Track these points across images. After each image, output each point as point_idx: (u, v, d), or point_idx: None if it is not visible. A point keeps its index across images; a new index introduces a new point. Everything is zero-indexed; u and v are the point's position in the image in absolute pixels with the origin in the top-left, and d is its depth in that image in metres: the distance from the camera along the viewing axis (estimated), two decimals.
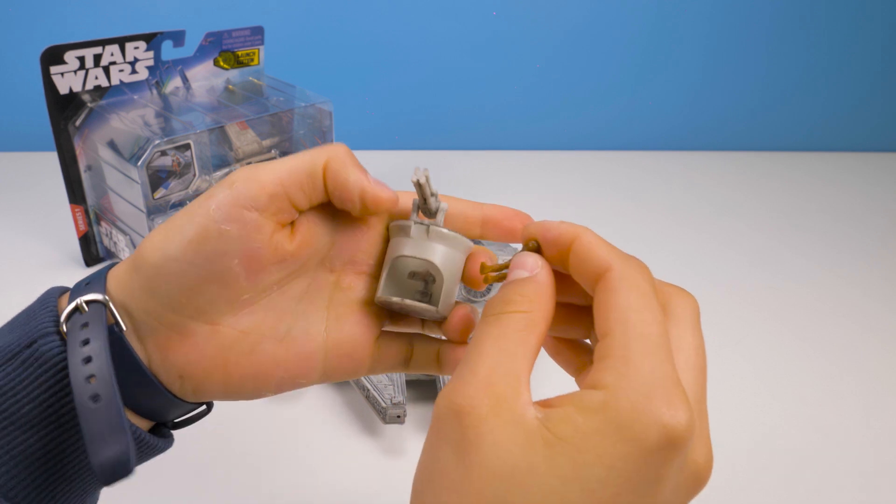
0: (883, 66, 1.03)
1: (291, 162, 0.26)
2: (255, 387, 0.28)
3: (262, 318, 0.27)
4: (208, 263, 0.25)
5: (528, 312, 0.23)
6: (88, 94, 0.63)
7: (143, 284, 0.26)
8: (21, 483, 0.25)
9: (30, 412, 0.25)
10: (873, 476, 0.50)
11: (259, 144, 0.69)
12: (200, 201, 0.26)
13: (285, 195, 0.26)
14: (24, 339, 0.25)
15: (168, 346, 0.26)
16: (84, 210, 0.67)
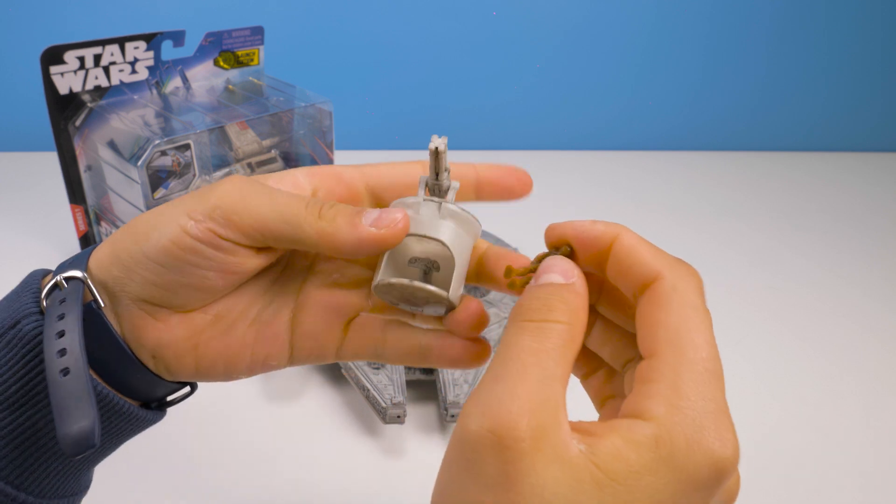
0: (883, 66, 1.03)
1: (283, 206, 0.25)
2: (226, 369, 0.28)
3: (234, 304, 0.27)
4: (183, 273, 0.25)
5: (570, 325, 0.21)
6: (88, 94, 0.63)
7: (121, 271, 0.26)
8: (13, 462, 0.26)
9: (16, 392, 0.25)
10: (873, 476, 0.50)
11: (259, 144, 0.69)
12: (180, 208, 0.25)
13: (267, 240, 0.25)
14: (8, 321, 0.26)
15: (141, 326, 0.26)
16: (84, 210, 0.67)
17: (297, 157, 0.75)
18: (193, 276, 0.25)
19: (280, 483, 0.46)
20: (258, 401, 0.53)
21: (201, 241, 0.24)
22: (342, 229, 0.24)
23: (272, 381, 0.55)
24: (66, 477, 0.28)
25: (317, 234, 0.24)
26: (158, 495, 0.45)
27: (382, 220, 0.24)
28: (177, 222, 0.25)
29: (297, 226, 0.24)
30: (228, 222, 0.24)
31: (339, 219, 0.24)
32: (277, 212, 0.24)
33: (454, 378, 0.50)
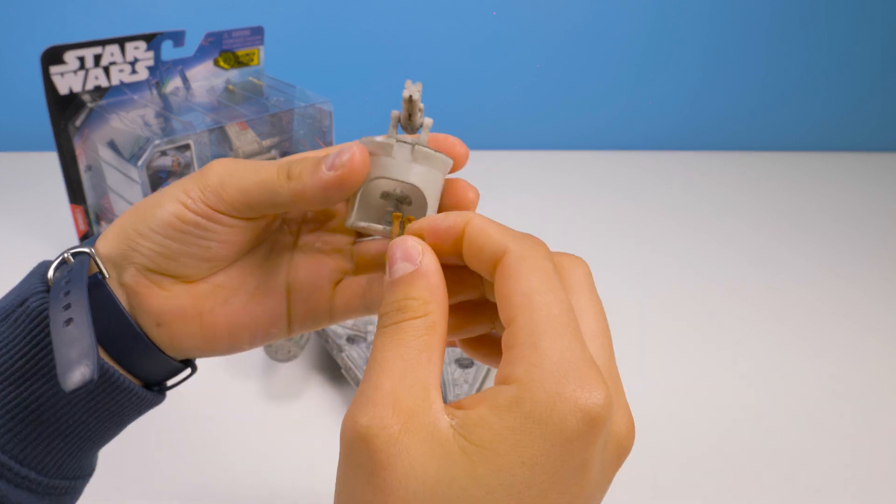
0: (883, 66, 1.03)
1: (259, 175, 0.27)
2: (231, 339, 0.29)
3: (234, 275, 0.29)
4: (187, 243, 0.27)
5: (424, 314, 0.22)
6: (88, 94, 0.63)
7: (126, 244, 0.28)
8: (17, 437, 0.26)
9: (22, 367, 0.26)
10: (873, 476, 0.50)
11: (259, 144, 0.69)
12: (177, 188, 0.27)
13: (253, 209, 0.27)
14: (16, 300, 0.27)
15: (146, 293, 0.28)
16: (84, 210, 0.67)
17: None
18: (196, 246, 0.27)
19: (280, 483, 0.46)
20: (258, 401, 0.53)
21: (199, 214, 0.27)
22: (308, 183, 0.26)
23: (272, 381, 0.55)
24: (70, 456, 0.28)
25: (289, 194, 0.26)
26: (158, 495, 0.45)
27: (336, 162, 0.26)
28: (177, 199, 0.27)
29: (273, 191, 0.26)
30: (219, 197, 0.27)
31: (303, 174, 0.26)
32: (256, 182, 0.27)
33: (454, 378, 0.50)
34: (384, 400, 0.20)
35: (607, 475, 0.21)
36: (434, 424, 0.20)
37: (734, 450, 0.51)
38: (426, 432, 0.19)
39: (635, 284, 0.71)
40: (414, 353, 0.21)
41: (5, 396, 0.26)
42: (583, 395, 0.19)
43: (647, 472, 0.49)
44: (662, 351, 0.61)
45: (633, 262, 0.75)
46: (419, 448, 0.19)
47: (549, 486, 0.19)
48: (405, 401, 0.20)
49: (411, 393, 0.20)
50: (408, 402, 0.20)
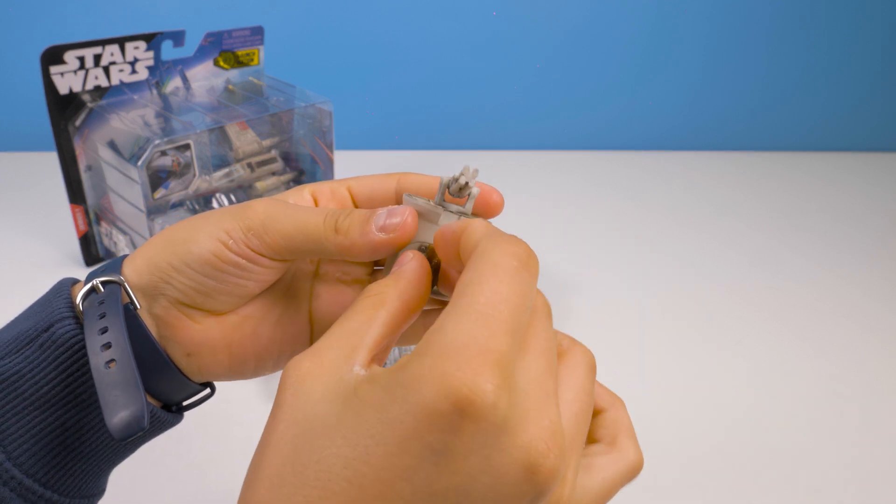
0: (883, 66, 1.03)
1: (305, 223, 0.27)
2: (256, 365, 0.30)
3: (260, 306, 0.30)
4: (223, 281, 0.28)
5: (377, 294, 0.24)
6: (88, 94, 0.63)
7: (159, 277, 0.28)
8: (41, 461, 0.27)
9: (47, 393, 0.26)
10: (873, 476, 0.50)
11: (259, 144, 0.69)
12: (216, 224, 0.27)
13: (295, 255, 0.28)
14: (40, 325, 0.27)
15: (178, 326, 0.28)
16: (84, 210, 0.67)
17: (297, 157, 0.75)
18: (232, 284, 0.28)
19: None
20: (258, 401, 0.53)
21: (240, 255, 0.27)
22: (356, 241, 0.26)
23: (272, 381, 0.55)
24: (88, 477, 0.29)
25: (336, 248, 0.27)
26: (157, 494, 0.45)
27: (389, 226, 0.26)
28: (216, 237, 0.27)
29: (319, 242, 0.27)
30: (262, 241, 0.27)
31: (352, 231, 0.26)
32: (301, 230, 0.27)
33: None
34: (312, 351, 0.22)
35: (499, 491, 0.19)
36: (342, 375, 0.21)
37: (734, 450, 0.51)
38: (331, 380, 0.21)
39: (635, 284, 0.71)
40: (354, 323, 0.23)
41: (30, 422, 0.26)
42: (458, 376, 0.18)
43: (647, 471, 0.49)
44: (662, 351, 0.61)
45: (633, 262, 0.75)
46: (318, 391, 0.21)
47: (397, 454, 0.18)
48: (327, 354, 0.22)
49: (336, 350, 0.22)
50: (329, 356, 0.22)
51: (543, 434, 0.19)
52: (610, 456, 0.25)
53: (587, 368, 0.24)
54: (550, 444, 0.19)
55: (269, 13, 0.91)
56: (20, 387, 0.26)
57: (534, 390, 0.20)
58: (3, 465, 0.26)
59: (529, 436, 0.19)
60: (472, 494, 0.18)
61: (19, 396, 0.26)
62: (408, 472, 0.18)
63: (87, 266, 0.69)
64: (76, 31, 0.88)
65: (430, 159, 0.98)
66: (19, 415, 0.26)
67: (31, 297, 0.29)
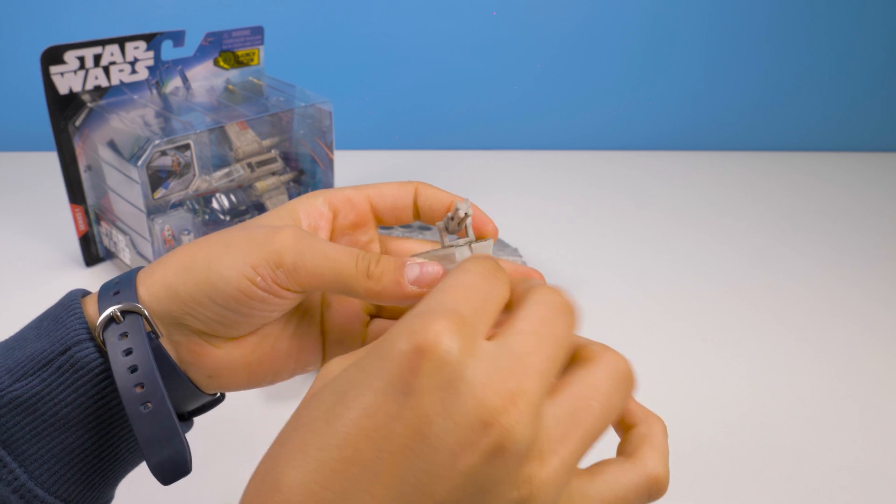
0: (883, 66, 1.03)
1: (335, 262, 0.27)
2: (273, 378, 0.31)
3: (277, 324, 0.31)
4: (247, 315, 0.28)
5: None
6: (88, 94, 0.63)
7: (180, 308, 0.28)
8: (61, 479, 0.27)
9: (67, 415, 0.27)
10: (873, 476, 0.50)
11: (259, 144, 0.69)
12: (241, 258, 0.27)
13: (320, 289, 0.28)
14: (56, 346, 0.27)
15: (199, 352, 0.29)
16: (84, 210, 0.67)
17: (297, 156, 0.75)
18: (256, 317, 0.28)
19: None
20: (258, 401, 0.53)
21: (267, 291, 0.27)
22: (388, 289, 0.27)
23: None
24: (107, 487, 0.30)
25: (366, 292, 0.27)
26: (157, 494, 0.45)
27: (424, 280, 0.27)
28: (243, 274, 0.27)
29: (349, 285, 0.27)
30: (291, 279, 0.27)
31: (384, 278, 0.27)
32: (332, 270, 0.27)
33: None
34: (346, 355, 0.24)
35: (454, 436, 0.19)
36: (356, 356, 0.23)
37: (734, 449, 0.51)
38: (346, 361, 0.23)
39: (635, 284, 0.71)
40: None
41: (50, 443, 0.27)
42: (419, 326, 0.20)
43: None
44: (662, 351, 0.61)
45: (633, 262, 0.75)
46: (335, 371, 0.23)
47: (365, 394, 0.20)
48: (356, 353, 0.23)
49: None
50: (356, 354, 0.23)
51: (503, 393, 0.19)
52: (623, 465, 0.23)
53: (614, 374, 0.23)
54: (509, 405, 0.19)
55: (269, 13, 0.91)
56: (39, 409, 0.26)
57: (507, 357, 0.20)
58: (26, 485, 0.26)
59: (488, 391, 0.19)
60: (430, 436, 0.19)
61: (39, 419, 0.26)
62: (371, 408, 0.20)
63: (87, 266, 0.69)
64: (76, 31, 0.88)
65: (430, 159, 0.99)
66: (39, 436, 0.26)
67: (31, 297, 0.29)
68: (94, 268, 0.69)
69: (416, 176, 0.93)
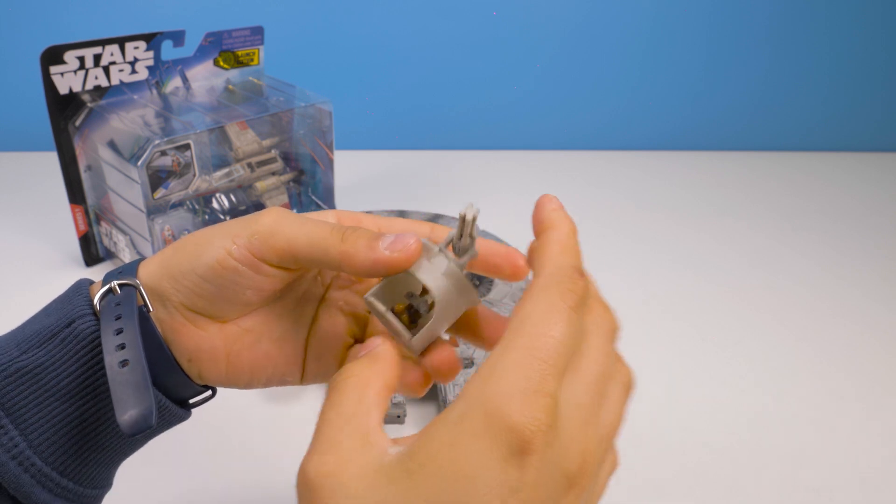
0: (883, 66, 1.03)
1: (312, 231, 0.27)
2: (250, 378, 0.31)
3: (263, 320, 0.31)
4: (224, 288, 0.28)
5: (359, 375, 0.25)
6: (88, 94, 0.63)
7: (169, 282, 0.29)
8: (59, 449, 0.28)
9: (68, 385, 0.28)
10: (873, 476, 0.50)
11: (259, 144, 0.69)
12: (226, 232, 0.28)
13: (298, 261, 0.28)
14: (62, 320, 0.28)
15: (182, 331, 0.29)
16: (84, 210, 0.67)
17: (297, 156, 0.75)
18: (232, 292, 0.29)
19: (280, 483, 0.46)
20: (258, 401, 0.53)
21: (241, 262, 0.28)
22: (361, 251, 0.27)
23: None
24: (104, 467, 0.30)
25: (339, 255, 0.27)
26: (157, 495, 0.45)
27: (396, 245, 0.27)
28: (222, 245, 0.28)
29: (324, 249, 0.27)
30: (264, 245, 0.28)
31: (359, 242, 0.27)
32: (307, 236, 0.27)
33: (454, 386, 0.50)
34: (324, 447, 0.22)
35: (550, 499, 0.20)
36: (372, 459, 0.21)
37: (733, 449, 0.51)
38: (363, 468, 0.21)
39: (635, 284, 0.71)
40: (349, 408, 0.23)
41: (51, 412, 0.27)
42: (520, 418, 0.20)
43: (646, 471, 0.49)
44: (662, 351, 0.61)
45: (633, 262, 0.75)
46: (356, 483, 0.21)
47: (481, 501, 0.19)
48: (344, 446, 0.22)
49: (350, 439, 0.22)
50: (347, 447, 0.22)
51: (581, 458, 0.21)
52: None
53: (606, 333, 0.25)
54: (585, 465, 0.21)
55: (269, 13, 0.91)
56: (42, 378, 0.27)
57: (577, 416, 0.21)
58: (24, 453, 0.27)
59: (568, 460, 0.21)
60: None
61: (41, 388, 0.27)
62: None
63: (87, 266, 0.69)
64: (76, 31, 0.88)
65: (430, 159, 0.99)
66: (41, 405, 0.27)
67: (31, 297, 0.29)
68: (94, 268, 0.69)
69: (416, 176, 0.93)
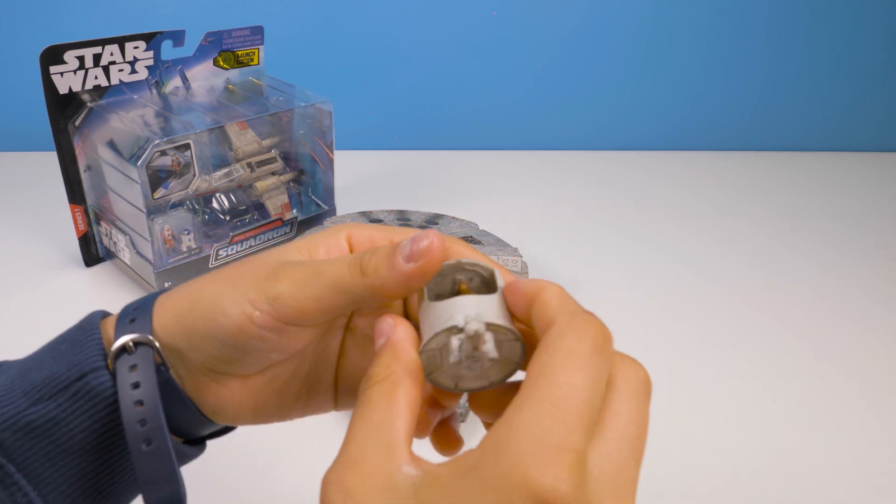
0: (883, 66, 1.03)
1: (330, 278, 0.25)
2: (280, 418, 0.30)
3: (287, 365, 0.29)
4: (247, 353, 0.27)
5: (386, 378, 0.23)
6: (88, 94, 0.63)
7: (187, 343, 0.27)
8: (75, 501, 0.27)
9: (82, 440, 0.27)
10: (873, 476, 0.50)
11: (259, 144, 0.69)
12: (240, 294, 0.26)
13: (328, 314, 0.26)
14: (73, 372, 0.27)
15: (203, 388, 0.28)
16: (84, 210, 0.67)
17: (297, 156, 0.75)
18: (257, 356, 0.27)
19: (280, 482, 0.46)
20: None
21: (266, 328, 0.26)
22: (386, 278, 0.25)
23: None
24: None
25: (367, 291, 0.25)
26: None
27: (416, 254, 0.25)
28: (241, 309, 0.26)
29: (348, 292, 0.25)
30: (289, 310, 0.26)
31: (380, 268, 0.25)
32: (329, 286, 0.25)
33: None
34: (348, 461, 0.21)
35: None
36: (393, 480, 0.20)
37: (733, 449, 0.51)
38: (384, 488, 0.20)
39: (635, 284, 0.71)
40: (378, 416, 0.22)
41: (64, 467, 0.27)
42: (540, 479, 0.18)
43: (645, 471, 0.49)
44: (662, 351, 0.61)
45: (633, 262, 0.75)
46: (373, 497, 0.20)
47: None
48: (368, 461, 0.21)
49: (375, 453, 0.21)
50: (370, 462, 0.21)
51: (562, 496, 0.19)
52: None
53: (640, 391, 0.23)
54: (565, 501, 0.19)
55: (269, 13, 0.91)
56: (54, 434, 0.26)
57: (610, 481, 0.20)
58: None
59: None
60: None
61: (53, 443, 0.26)
62: None
63: (87, 266, 0.69)
64: (76, 31, 0.88)
65: (430, 159, 0.98)
66: (53, 461, 0.26)
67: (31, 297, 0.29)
68: (93, 268, 0.69)
69: (416, 176, 0.93)
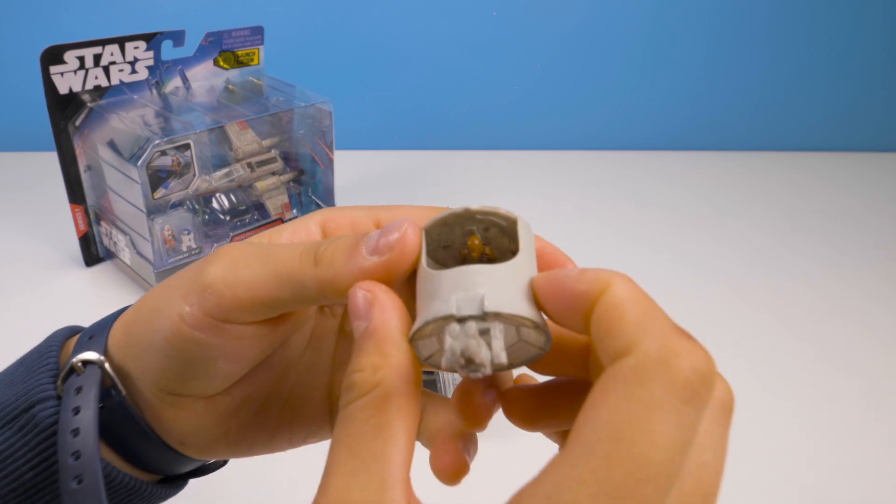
0: (883, 66, 1.03)
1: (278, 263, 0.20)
2: (266, 447, 0.26)
3: (262, 381, 0.24)
4: (189, 366, 0.22)
5: (374, 388, 0.18)
6: (88, 94, 0.63)
7: (134, 357, 0.23)
8: None
9: (32, 479, 0.23)
10: (873, 476, 0.50)
11: (259, 144, 0.69)
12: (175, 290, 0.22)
13: (271, 309, 0.21)
14: (22, 402, 0.23)
15: (164, 416, 0.24)
16: (84, 210, 0.67)
17: (297, 156, 0.75)
18: (202, 367, 0.22)
19: (280, 482, 0.46)
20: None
21: (198, 328, 0.21)
22: (341, 272, 0.19)
23: None
24: None
25: (316, 284, 0.20)
26: None
27: (382, 244, 0.19)
28: (174, 309, 0.21)
29: (296, 284, 0.20)
30: (222, 300, 0.20)
31: (336, 259, 0.20)
32: (272, 273, 0.20)
33: (454, 378, 0.50)
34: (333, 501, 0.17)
35: None
36: None
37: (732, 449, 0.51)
38: None
39: None
40: (365, 443, 0.17)
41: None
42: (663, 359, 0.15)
43: None
44: None
45: (633, 262, 0.75)
46: None
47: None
48: (353, 499, 0.17)
49: (363, 493, 0.17)
50: (355, 500, 0.17)
51: None
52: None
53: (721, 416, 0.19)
54: None
55: (269, 13, 0.91)
56: (3, 470, 0.23)
57: None
58: None
59: None
60: None
61: (1, 480, 0.23)
62: None
63: (87, 266, 0.69)
64: (76, 31, 0.88)
65: (430, 159, 0.98)
66: (4, 499, 0.23)
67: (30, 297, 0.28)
68: (93, 268, 0.69)
69: (416, 176, 0.93)
